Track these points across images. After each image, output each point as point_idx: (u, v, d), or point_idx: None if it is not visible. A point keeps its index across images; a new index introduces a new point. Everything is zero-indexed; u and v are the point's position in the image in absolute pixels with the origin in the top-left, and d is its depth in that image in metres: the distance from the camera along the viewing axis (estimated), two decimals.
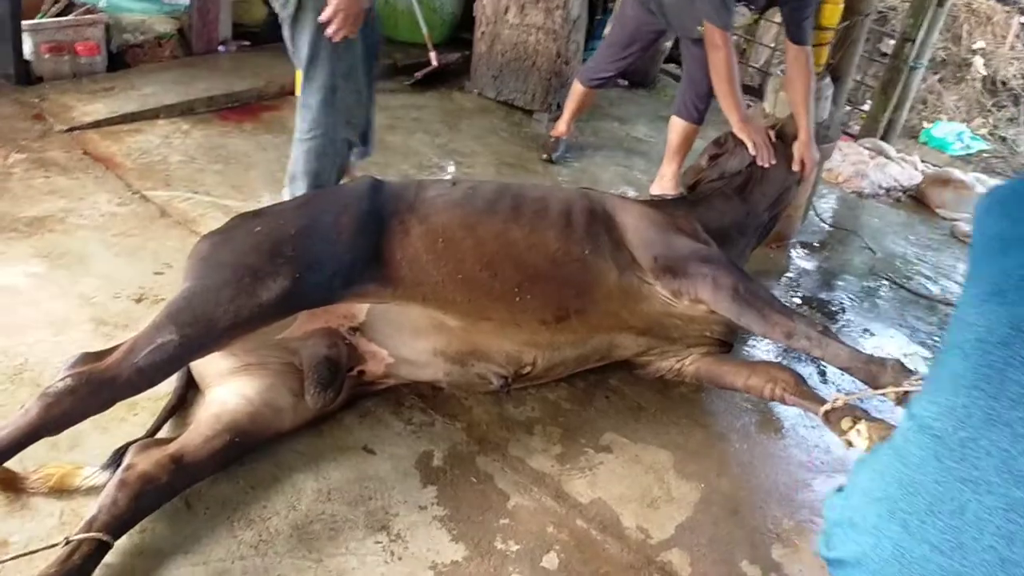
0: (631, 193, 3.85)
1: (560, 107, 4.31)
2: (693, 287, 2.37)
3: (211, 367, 2.09)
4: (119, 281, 2.60)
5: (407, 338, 2.22)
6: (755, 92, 4.61)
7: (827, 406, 2.19)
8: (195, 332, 1.88)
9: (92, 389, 1.76)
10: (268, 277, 1.98)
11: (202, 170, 3.34)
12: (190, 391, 2.15)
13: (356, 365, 2.23)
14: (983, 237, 1.27)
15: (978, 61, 6.70)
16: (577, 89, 3.97)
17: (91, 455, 1.91)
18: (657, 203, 2.84)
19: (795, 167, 2.98)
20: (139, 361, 1.81)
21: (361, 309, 2.18)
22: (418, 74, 4.68)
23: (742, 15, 3.36)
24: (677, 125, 3.64)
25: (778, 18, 3.75)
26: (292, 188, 2.84)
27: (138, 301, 2.53)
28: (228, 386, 2.07)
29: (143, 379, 1.84)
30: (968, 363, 1.14)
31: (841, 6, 3.27)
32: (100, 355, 1.88)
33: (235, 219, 2.26)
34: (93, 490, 1.81)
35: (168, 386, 2.05)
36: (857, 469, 1.31)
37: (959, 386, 1.13)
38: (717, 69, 3.14)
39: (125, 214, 2.96)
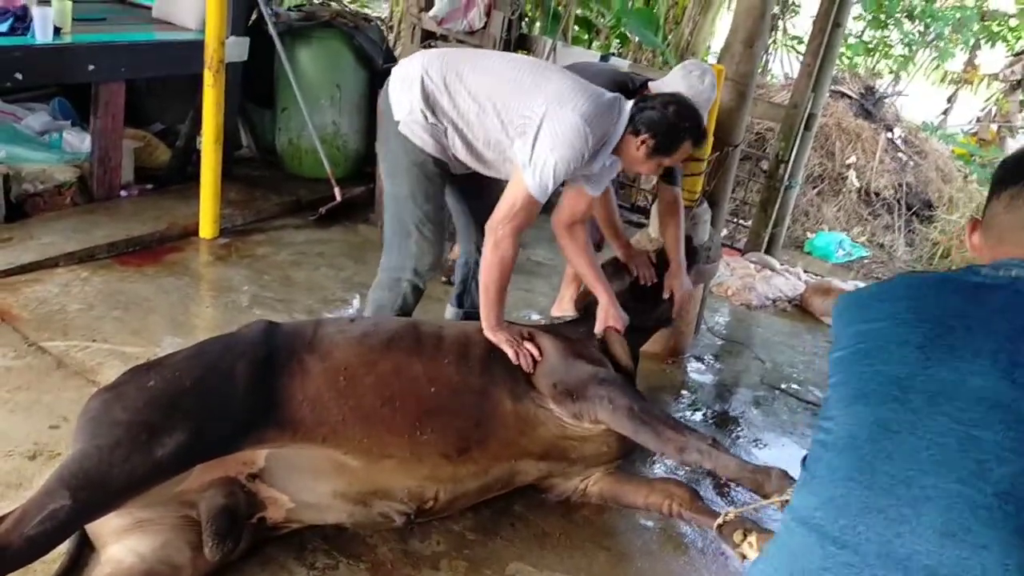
0: (534, 316, 3.99)
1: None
2: (592, 409, 2.47)
3: (105, 526, 2.06)
4: (12, 438, 2.55)
5: (307, 481, 2.23)
6: (643, 212, 4.88)
7: (719, 520, 2.30)
8: (89, 496, 1.86)
9: None
10: (164, 433, 1.98)
11: (101, 317, 3.33)
12: (84, 551, 2.11)
13: (256, 512, 2.22)
14: (841, 342, 1.41)
15: (852, 175, 7.22)
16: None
17: None
18: (555, 327, 2.97)
19: (665, 295, 3.12)
20: (30, 531, 1.79)
21: (260, 455, 2.19)
22: (323, 209, 4.80)
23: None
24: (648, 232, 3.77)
25: None
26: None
27: (32, 458, 2.49)
28: (123, 544, 2.05)
29: (35, 549, 1.82)
30: (842, 458, 1.26)
31: (711, 138, 3.55)
32: None
33: (127, 374, 2.25)
34: None
35: (63, 546, 2.00)
36: (750, 571, 1.39)
37: (835, 479, 1.25)
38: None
39: (20, 367, 2.92)
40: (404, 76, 2.78)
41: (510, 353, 2.57)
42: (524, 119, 2.60)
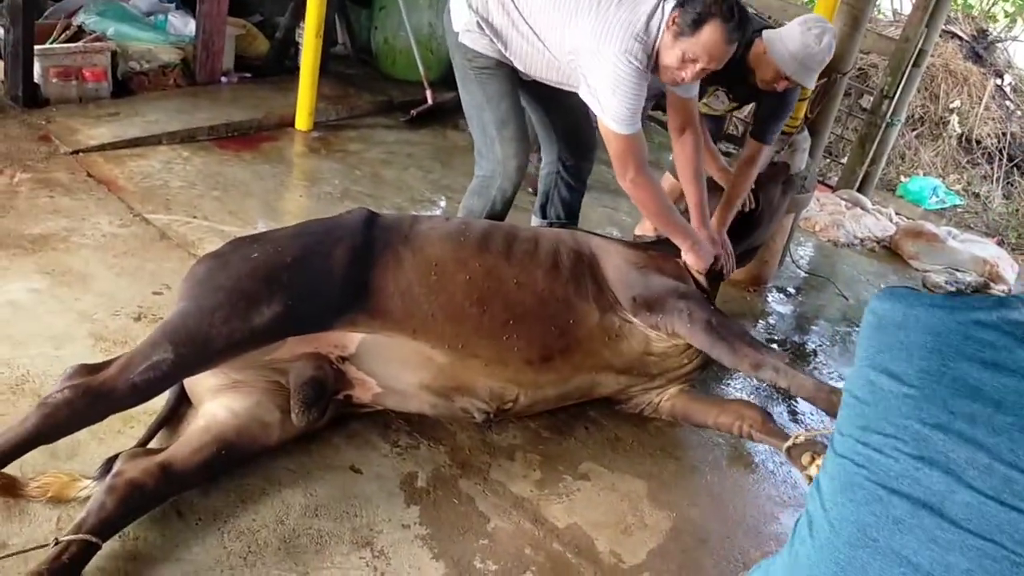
0: (616, 233, 3.98)
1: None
2: (669, 321, 2.48)
3: (202, 383, 2.16)
4: (118, 299, 2.69)
5: (395, 370, 2.30)
6: (734, 140, 4.78)
7: (789, 442, 2.32)
8: (189, 352, 1.95)
9: (89, 401, 1.84)
10: (262, 303, 2.05)
11: (201, 196, 3.45)
12: (182, 405, 2.24)
13: (344, 390, 2.31)
14: (858, 356, 1.31)
15: (954, 120, 6.92)
16: None
17: (88, 464, 1.98)
18: (639, 244, 2.97)
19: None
20: (134, 377, 1.89)
21: (352, 339, 2.25)
22: (414, 111, 4.82)
23: (722, 102, 3.42)
24: (667, 179, 3.71)
25: None
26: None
27: (136, 319, 2.62)
28: (218, 401, 2.15)
29: (137, 394, 1.92)
30: (820, 555, 1.20)
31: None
32: (97, 368, 1.96)
33: (232, 243, 2.32)
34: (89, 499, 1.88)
35: (162, 399, 2.13)
36: None
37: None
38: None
39: (126, 235, 3.05)
40: None
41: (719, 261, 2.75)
42: (571, 55, 2.60)
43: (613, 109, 2.50)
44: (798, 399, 2.81)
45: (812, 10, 3.54)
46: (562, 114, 3.10)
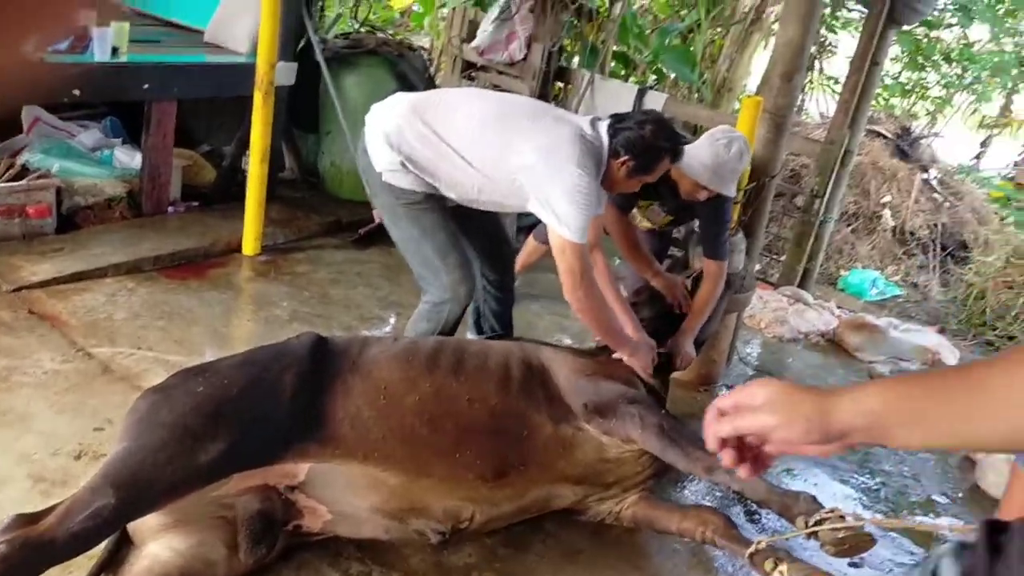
0: (566, 341, 4.02)
1: None
2: (621, 426, 2.50)
3: (144, 523, 2.10)
4: (59, 438, 2.62)
5: (346, 495, 2.26)
6: (680, 244, 4.90)
7: (751, 548, 2.31)
8: (131, 496, 1.91)
9: (27, 555, 1.78)
10: (207, 439, 2.02)
11: (146, 327, 3.42)
12: (123, 547, 2.16)
13: (293, 520, 2.26)
14: None
15: (887, 214, 7.21)
16: (531, 244, 4.21)
17: None
18: (587, 352, 3.01)
19: (664, 349, 3.06)
20: (74, 527, 1.83)
21: (301, 468, 2.22)
22: (361, 230, 4.88)
23: (659, 215, 3.56)
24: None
25: None
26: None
27: (77, 458, 2.56)
28: (160, 540, 2.09)
29: (79, 544, 1.86)
30: None
31: (748, 168, 3.60)
32: (35, 517, 1.90)
33: (176, 376, 2.29)
34: None
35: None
36: None
37: None
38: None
39: (68, 371, 3.00)
40: (379, 129, 2.83)
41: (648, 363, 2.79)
42: (516, 174, 2.69)
43: (571, 218, 2.59)
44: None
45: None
46: (480, 232, 3.16)
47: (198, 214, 4.61)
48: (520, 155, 2.67)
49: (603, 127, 2.75)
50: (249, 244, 4.35)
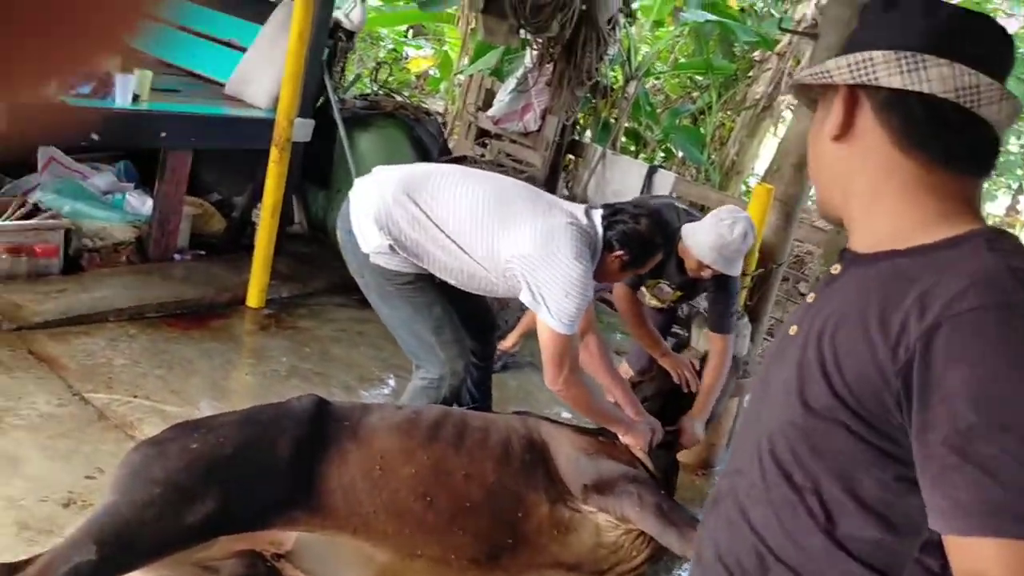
0: (565, 415, 3.98)
1: (509, 327, 4.49)
2: (619, 504, 2.44)
3: None
4: (48, 484, 2.58)
5: (334, 569, 2.19)
6: (683, 323, 4.91)
7: None
8: (114, 552, 1.85)
9: None
10: (198, 499, 1.96)
11: (145, 374, 3.39)
12: None
13: None
14: None
15: None
16: (531, 314, 4.18)
17: None
18: (589, 430, 2.96)
19: (673, 427, 3.04)
20: None
21: (289, 536, 2.15)
22: None
23: (667, 293, 3.57)
24: (623, 367, 3.76)
25: None
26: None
27: (65, 506, 2.51)
28: None
29: None
30: None
31: (756, 254, 3.62)
32: (15, 567, 1.84)
33: (172, 430, 2.24)
34: None
35: None
36: None
37: None
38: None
39: (62, 415, 2.96)
40: (368, 209, 2.74)
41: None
42: (508, 263, 2.64)
43: (563, 311, 2.55)
44: None
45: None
46: (461, 302, 3.10)
47: (205, 263, 4.62)
48: (515, 244, 2.63)
49: (597, 217, 2.73)
50: (254, 297, 4.34)
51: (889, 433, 0.99)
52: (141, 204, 4.59)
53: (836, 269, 1.15)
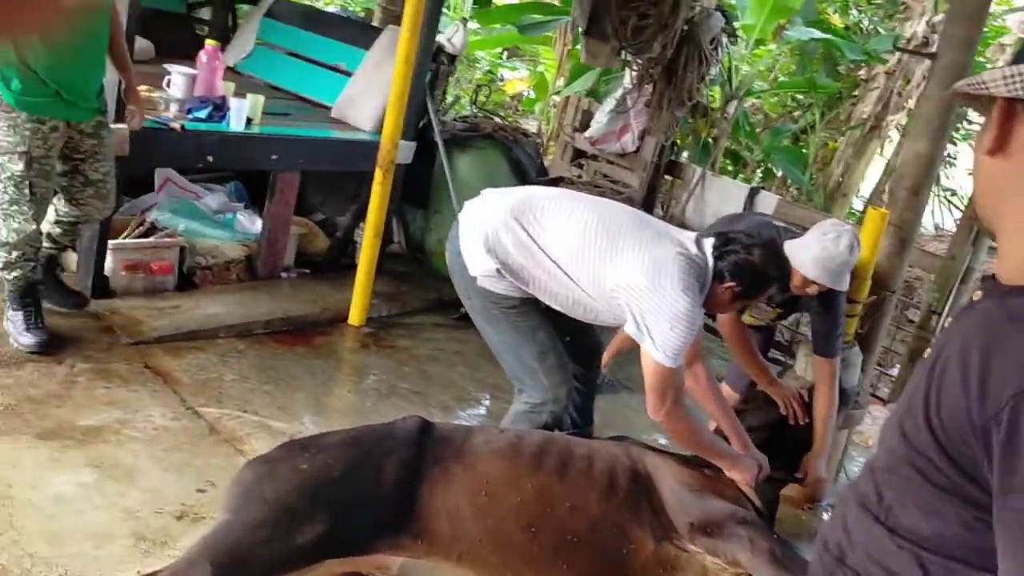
0: (662, 441, 3.90)
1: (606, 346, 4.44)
2: (730, 548, 2.35)
3: None
4: (163, 496, 2.66)
5: None
6: (785, 349, 4.77)
7: None
8: (227, 572, 1.89)
9: None
10: (307, 521, 2.00)
11: (253, 390, 3.49)
12: None
13: None
14: None
15: None
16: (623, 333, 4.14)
17: None
18: (695, 462, 2.89)
19: (800, 474, 2.99)
20: None
21: (394, 561, 2.15)
22: (463, 310, 4.91)
23: (765, 311, 3.48)
24: (724, 388, 3.67)
25: None
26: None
27: (179, 518, 2.58)
28: None
29: None
30: None
31: (869, 281, 3.48)
32: None
33: (282, 449, 2.29)
34: None
35: None
36: None
37: None
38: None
39: (176, 429, 3.07)
40: (477, 231, 2.73)
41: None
42: (613, 293, 2.59)
43: (670, 344, 2.48)
44: None
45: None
46: (566, 327, 3.03)
47: (309, 281, 4.73)
48: (621, 273, 2.57)
49: (708, 247, 2.65)
50: (356, 315, 4.42)
51: (975, 477, 0.96)
52: (251, 223, 4.74)
53: (977, 296, 1.09)
